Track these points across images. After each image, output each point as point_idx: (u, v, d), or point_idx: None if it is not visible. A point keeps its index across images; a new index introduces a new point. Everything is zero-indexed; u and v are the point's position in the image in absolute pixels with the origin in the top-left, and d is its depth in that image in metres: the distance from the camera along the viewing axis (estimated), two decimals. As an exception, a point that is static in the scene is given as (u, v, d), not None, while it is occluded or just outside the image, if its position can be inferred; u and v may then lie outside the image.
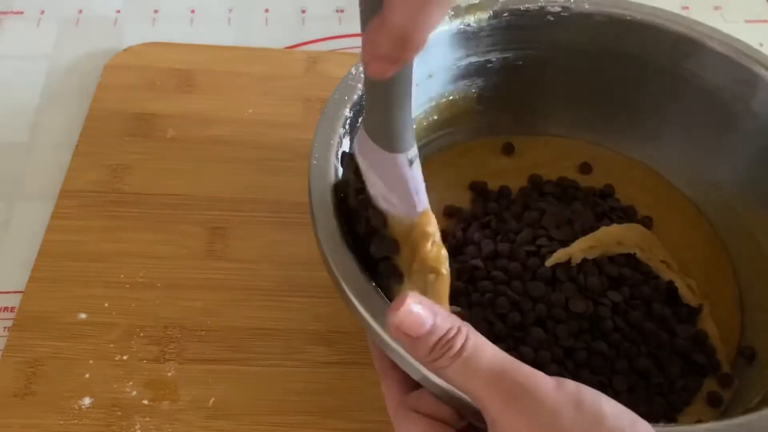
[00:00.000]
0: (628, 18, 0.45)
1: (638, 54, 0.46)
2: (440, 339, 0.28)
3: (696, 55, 0.45)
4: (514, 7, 0.45)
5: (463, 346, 0.28)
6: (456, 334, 0.28)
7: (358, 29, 0.28)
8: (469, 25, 0.45)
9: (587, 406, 0.26)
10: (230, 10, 0.67)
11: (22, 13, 0.65)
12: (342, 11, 0.66)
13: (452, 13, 0.44)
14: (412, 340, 0.28)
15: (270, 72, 0.59)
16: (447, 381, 0.29)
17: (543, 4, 0.45)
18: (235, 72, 0.59)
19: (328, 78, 0.59)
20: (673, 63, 0.45)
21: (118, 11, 0.66)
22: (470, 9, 0.45)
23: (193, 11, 0.66)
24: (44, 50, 0.62)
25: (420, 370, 0.30)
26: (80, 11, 0.65)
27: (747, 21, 0.68)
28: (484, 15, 0.45)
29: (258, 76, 0.59)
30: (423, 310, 0.28)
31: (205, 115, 0.56)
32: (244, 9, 0.67)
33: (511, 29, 0.46)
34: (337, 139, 0.38)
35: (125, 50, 0.60)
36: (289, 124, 0.56)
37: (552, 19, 0.45)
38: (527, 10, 0.45)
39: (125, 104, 0.56)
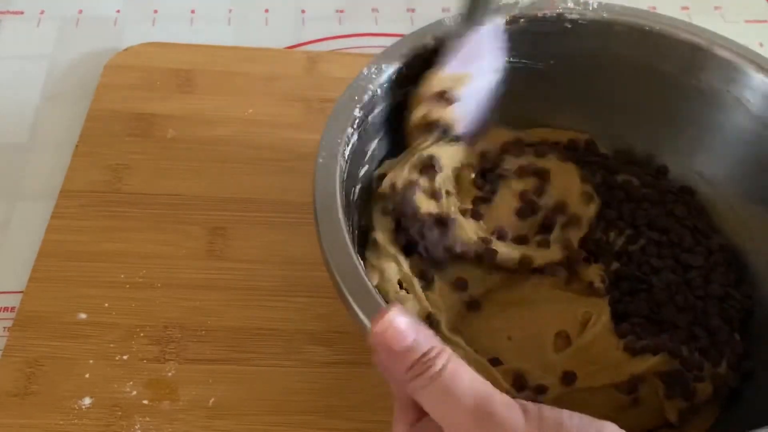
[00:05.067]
0: (647, 28, 0.44)
1: (654, 64, 0.45)
2: (420, 357, 0.28)
3: (710, 68, 0.44)
4: (531, 13, 0.44)
5: (443, 368, 0.27)
6: (437, 354, 0.28)
7: (357, 29, 0.28)
8: None
9: (550, 428, 0.26)
10: (230, 10, 0.67)
11: (22, 13, 0.65)
12: (342, 11, 0.66)
13: (456, 20, 0.43)
14: (391, 354, 0.28)
15: (270, 72, 0.59)
16: (422, 403, 0.28)
17: (561, 11, 0.45)
18: (235, 72, 0.59)
19: (328, 78, 0.59)
20: (688, 74, 0.44)
21: (118, 11, 0.66)
22: None
23: (193, 11, 0.66)
24: (44, 50, 0.62)
25: None
26: (80, 11, 0.65)
27: (747, 21, 0.68)
28: (500, 20, 0.44)
29: (258, 76, 0.59)
30: (405, 324, 0.28)
31: (205, 115, 0.56)
32: (244, 9, 0.67)
33: (526, 35, 0.45)
34: (345, 138, 0.38)
35: (125, 50, 0.60)
36: (289, 124, 0.56)
37: (569, 26, 0.45)
38: (544, 17, 0.45)
39: (125, 104, 0.56)
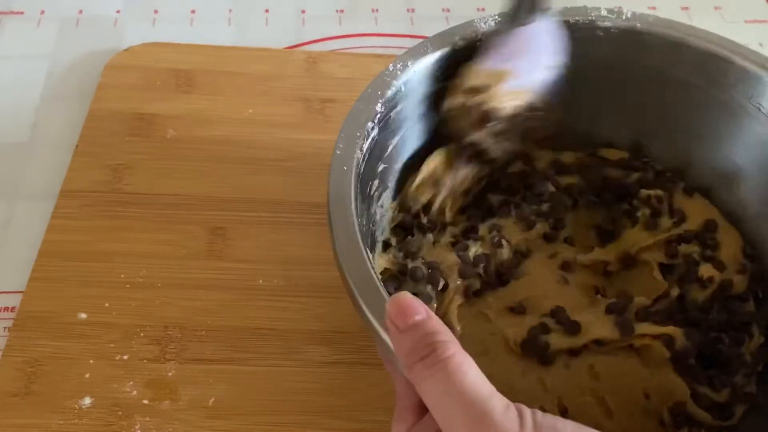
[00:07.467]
0: (681, 42, 0.43)
1: (688, 79, 0.44)
2: (425, 337, 0.28)
3: (737, 80, 0.43)
4: (563, 19, 0.43)
5: (449, 357, 0.27)
6: (445, 341, 0.28)
7: (358, 29, 0.28)
8: None
9: None
10: (230, 10, 0.67)
11: (22, 13, 0.65)
12: (342, 11, 0.66)
13: (498, 18, 0.43)
14: (399, 332, 0.28)
15: (270, 72, 0.59)
16: (422, 394, 0.28)
17: (593, 18, 0.44)
18: (235, 72, 0.59)
19: (328, 78, 0.59)
20: (716, 87, 0.43)
21: (118, 11, 0.66)
22: None
23: (193, 11, 0.66)
24: (44, 50, 0.62)
25: None
26: (80, 11, 0.65)
27: (747, 21, 0.68)
28: (553, 18, 0.43)
29: (258, 76, 0.59)
30: (418, 304, 0.28)
31: (205, 115, 0.56)
32: (244, 9, 0.67)
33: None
34: (364, 132, 0.38)
35: (125, 50, 0.60)
36: (289, 124, 0.56)
37: (601, 34, 0.44)
38: (576, 23, 0.44)
39: (125, 104, 0.56)
